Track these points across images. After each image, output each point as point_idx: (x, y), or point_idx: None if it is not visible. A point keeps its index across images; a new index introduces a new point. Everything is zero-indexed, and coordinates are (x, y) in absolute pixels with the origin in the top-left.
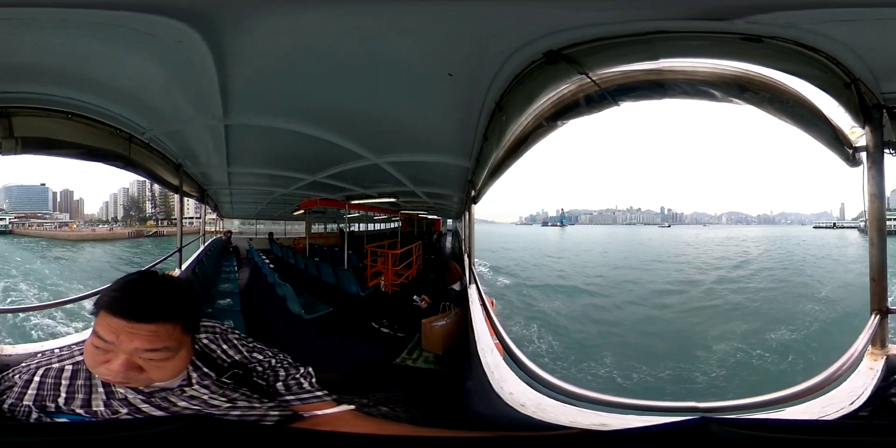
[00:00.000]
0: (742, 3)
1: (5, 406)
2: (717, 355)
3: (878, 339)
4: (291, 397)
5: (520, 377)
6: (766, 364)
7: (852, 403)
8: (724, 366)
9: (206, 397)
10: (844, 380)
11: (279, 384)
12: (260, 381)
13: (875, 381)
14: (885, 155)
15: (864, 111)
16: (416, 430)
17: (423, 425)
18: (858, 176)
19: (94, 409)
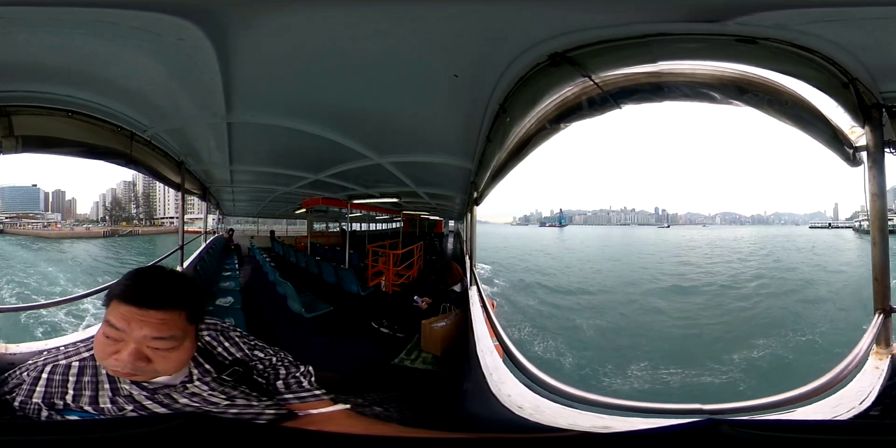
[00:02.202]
0: (728, 5)
1: (16, 404)
2: None
3: (883, 339)
4: (290, 395)
5: (519, 379)
6: None
7: (862, 403)
8: None
9: (205, 394)
10: (850, 380)
11: (279, 382)
12: (260, 379)
13: (881, 380)
14: (886, 154)
15: (863, 111)
16: (403, 431)
17: (414, 426)
18: (852, 176)
19: (101, 406)
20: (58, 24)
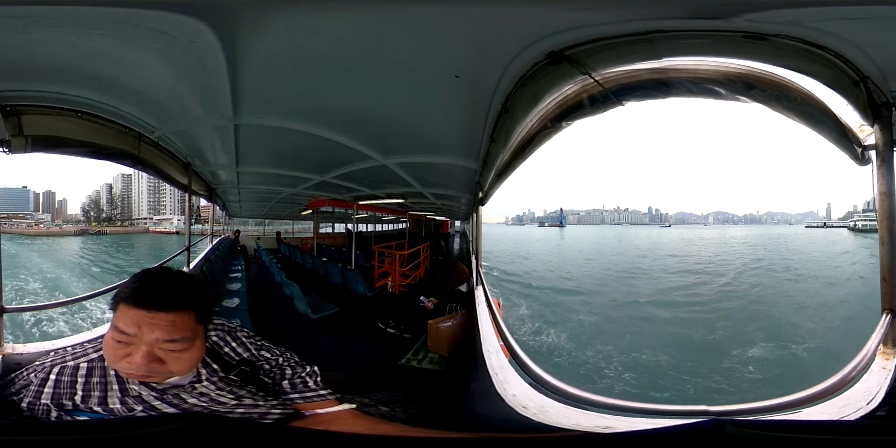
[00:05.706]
0: (738, 2)
1: (23, 405)
2: None
3: (890, 339)
4: (296, 395)
5: (525, 380)
6: None
7: (868, 403)
8: None
9: (213, 394)
10: (857, 381)
11: (285, 382)
12: (266, 379)
13: (888, 380)
14: (895, 153)
15: (873, 109)
16: (408, 431)
17: (419, 426)
18: (846, 177)
19: (111, 406)
20: (80, 24)
